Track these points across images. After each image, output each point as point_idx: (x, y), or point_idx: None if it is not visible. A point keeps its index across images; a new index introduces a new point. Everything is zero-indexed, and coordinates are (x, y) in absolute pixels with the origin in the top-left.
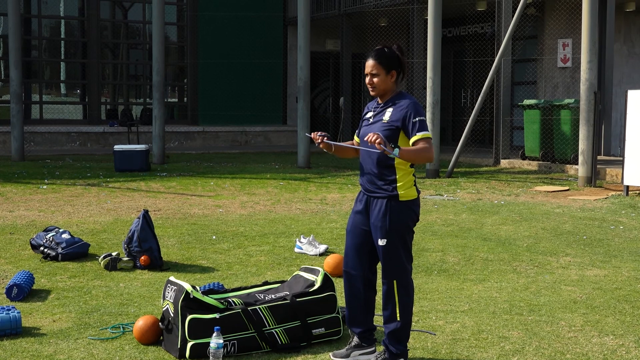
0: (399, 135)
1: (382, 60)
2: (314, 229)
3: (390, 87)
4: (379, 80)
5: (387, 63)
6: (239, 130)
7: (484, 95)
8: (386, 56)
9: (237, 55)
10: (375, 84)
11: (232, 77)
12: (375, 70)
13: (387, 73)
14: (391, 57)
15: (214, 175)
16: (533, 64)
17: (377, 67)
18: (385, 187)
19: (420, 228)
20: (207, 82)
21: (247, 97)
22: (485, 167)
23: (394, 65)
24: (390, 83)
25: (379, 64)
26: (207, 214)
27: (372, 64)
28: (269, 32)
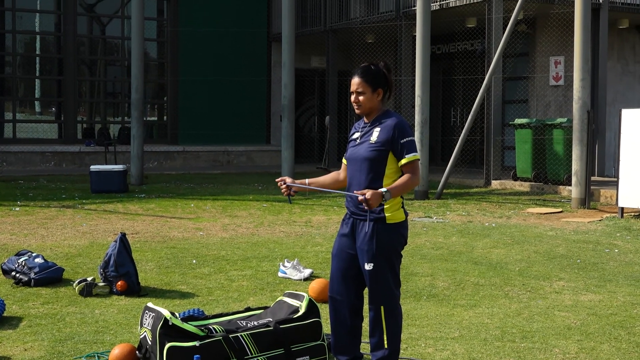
0: (388, 156)
1: (368, 77)
2: (299, 253)
3: (377, 106)
4: (365, 99)
5: (373, 81)
6: (221, 150)
7: (474, 114)
8: (372, 73)
9: (219, 73)
10: (361, 102)
11: (214, 95)
12: (360, 88)
13: (373, 91)
14: (377, 74)
15: (194, 197)
16: (524, 82)
17: (362, 84)
18: (372, 210)
19: (409, 251)
20: (188, 100)
21: (229, 116)
22: (476, 188)
23: (381, 83)
24: (377, 101)
25: (364, 81)
26: (187, 237)
27: (357, 81)
28: (252, 49)
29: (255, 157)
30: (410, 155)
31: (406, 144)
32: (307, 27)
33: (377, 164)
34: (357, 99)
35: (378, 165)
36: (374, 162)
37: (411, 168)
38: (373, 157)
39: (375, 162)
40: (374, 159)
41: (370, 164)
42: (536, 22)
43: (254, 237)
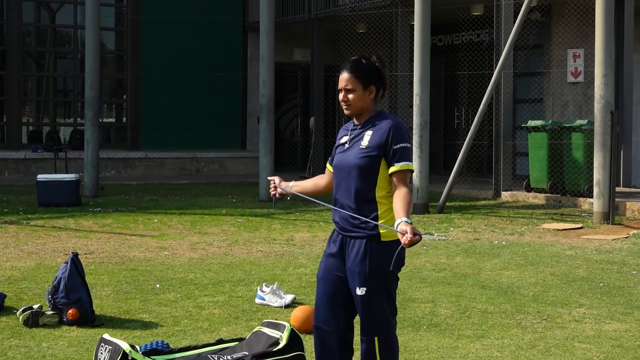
0: (380, 164)
1: (358, 73)
2: (279, 276)
3: (369, 106)
4: (355, 97)
5: (364, 77)
6: (189, 157)
7: (481, 115)
8: (363, 68)
9: (186, 67)
10: (351, 101)
11: (181, 93)
12: (350, 85)
13: (365, 88)
14: (370, 69)
15: (158, 211)
16: (539, 79)
17: (352, 81)
18: (364, 225)
19: (406, 274)
20: (151, 98)
21: (199, 117)
22: (484, 201)
23: (373, 79)
24: (369, 100)
25: (355, 77)
26: (150, 257)
27: (346, 77)
28: (226, 40)
29: (229, 165)
30: (402, 163)
31: (399, 151)
32: (288, 14)
33: (368, 172)
34: (346, 97)
35: (369, 173)
36: (364, 170)
37: (402, 179)
38: (363, 164)
39: (366, 169)
40: (365, 166)
41: (360, 172)
42: (552, 9)
43: (227, 257)
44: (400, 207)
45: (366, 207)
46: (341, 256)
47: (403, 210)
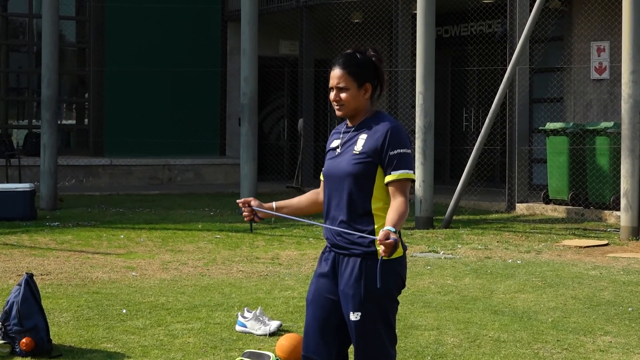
0: (376, 172)
1: (352, 69)
2: (263, 300)
3: (364, 106)
4: (348, 96)
5: (359, 73)
6: (160, 164)
7: (492, 117)
8: (358, 64)
9: (158, 62)
10: (343, 100)
11: (151, 92)
12: (343, 83)
13: (360, 86)
14: (365, 65)
15: (125, 226)
16: (558, 75)
17: (345, 78)
18: (359, 241)
19: (408, 297)
20: (117, 97)
21: (172, 119)
22: (496, 214)
23: (369, 76)
24: (364, 100)
25: (348, 74)
26: (115, 278)
27: (338, 74)
28: (202, 31)
29: (206, 173)
30: (400, 172)
31: (397, 157)
32: (274, 2)
33: (362, 181)
34: (338, 96)
35: (364, 182)
36: (358, 178)
37: (399, 190)
38: (357, 171)
39: (361, 178)
40: (359, 174)
41: (353, 181)
42: None
43: (204, 278)
44: (389, 218)
45: (361, 220)
46: (333, 276)
47: (390, 220)
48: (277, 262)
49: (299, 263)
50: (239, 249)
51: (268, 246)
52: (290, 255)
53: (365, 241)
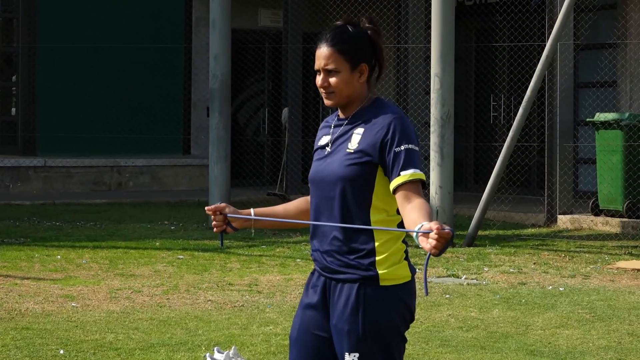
0: (376, 175)
1: (343, 46)
2: (238, 337)
3: (359, 92)
4: (339, 81)
5: (352, 51)
6: (107, 165)
7: (527, 106)
8: (350, 40)
9: (104, 37)
10: (333, 86)
11: (96, 74)
12: (332, 65)
13: (353, 68)
14: (359, 40)
15: (62, 244)
16: (611, 53)
17: (335, 58)
18: (356, 263)
19: (420, 333)
20: (53, 82)
21: (122, 109)
22: (532, 229)
23: (364, 54)
24: (359, 85)
25: (338, 53)
26: (51, 310)
27: (326, 53)
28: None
29: (165, 177)
30: (410, 172)
31: (402, 154)
32: None
33: (359, 187)
34: (327, 81)
35: (361, 187)
36: (354, 184)
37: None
38: (352, 174)
39: (356, 183)
40: (354, 179)
41: (347, 187)
42: None
43: (163, 310)
44: (417, 215)
45: (358, 237)
46: (324, 308)
47: (423, 216)
48: (255, 290)
49: (283, 290)
50: (208, 273)
51: (244, 269)
52: (271, 281)
53: (364, 262)
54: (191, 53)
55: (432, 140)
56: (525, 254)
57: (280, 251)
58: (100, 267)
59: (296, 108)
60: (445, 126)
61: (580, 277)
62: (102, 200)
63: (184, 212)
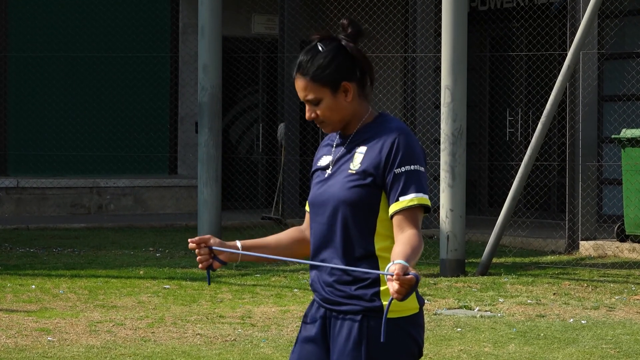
0: (380, 198)
1: (315, 73)
2: None
3: (352, 111)
4: (325, 109)
5: (326, 74)
6: (86, 187)
7: (547, 121)
8: (323, 63)
9: (83, 46)
10: (322, 116)
11: (73, 87)
12: (311, 95)
13: (335, 90)
14: (332, 58)
15: (37, 272)
16: (638, 63)
17: (311, 88)
18: (359, 293)
19: None
20: (26, 94)
21: (103, 125)
22: (552, 256)
23: (343, 72)
24: (348, 105)
25: (312, 81)
26: (25, 345)
27: (301, 84)
28: (145, 1)
29: (150, 199)
30: (411, 196)
31: (403, 177)
32: None
33: (361, 212)
34: (314, 112)
35: (363, 213)
36: (356, 208)
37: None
38: (354, 198)
39: (359, 207)
40: (356, 203)
41: (349, 212)
42: None
43: (147, 345)
44: (399, 250)
45: (362, 265)
46: (323, 342)
47: (401, 253)
48: (248, 323)
49: (279, 323)
50: (196, 305)
51: (236, 300)
52: (266, 313)
53: (368, 292)
54: (178, 63)
55: (443, 159)
56: (545, 283)
57: (276, 280)
58: (78, 297)
59: (293, 124)
60: (457, 143)
61: (605, 308)
62: (81, 225)
63: (171, 237)
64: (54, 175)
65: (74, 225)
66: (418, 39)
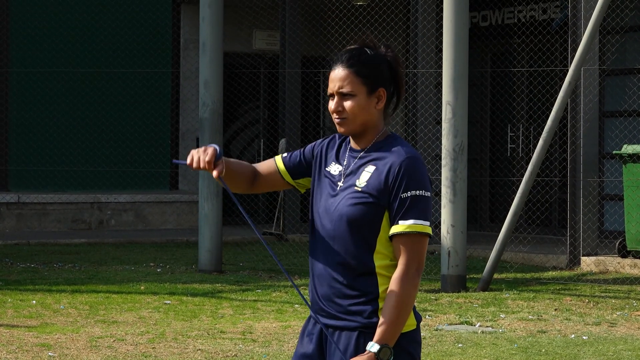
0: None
1: (360, 68)
2: None
3: (374, 121)
4: (355, 106)
5: (370, 74)
6: (88, 202)
7: (549, 137)
8: (368, 62)
9: (84, 61)
10: (348, 111)
11: (74, 102)
12: (348, 87)
13: (370, 92)
14: (378, 63)
15: (38, 287)
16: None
17: (351, 80)
18: (357, 309)
19: None
20: (27, 110)
21: (104, 140)
22: (553, 272)
23: (383, 79)
24: (375, 112)
25: (355, 74)
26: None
27: (342, 74)
28: (146, 18)
29: (151, 215)
30: (410, 222)
31: (408, 201)
32: None
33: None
34: (341, 105)
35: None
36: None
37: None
38: (356, 214)
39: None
40: (358, 219)
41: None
42: None
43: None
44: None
45: (362, 281)
46: (320, 358)
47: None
48: (249, 338)
49: (280, 339)
50: (197, 320)
51: (237, 315)
52: (267, 328)
53: (366, 309)
54: (179, 79)
55: (444, 174)
56: (546, 299)
57: (277, 296)
58: (79, 313)
59: (294, 139)
60: (458, 159)
61: (606, 324)
62: (82, 240)
63: (172, 252)
64: (55, 190)
65: (75, 240)
66: (419, 55)
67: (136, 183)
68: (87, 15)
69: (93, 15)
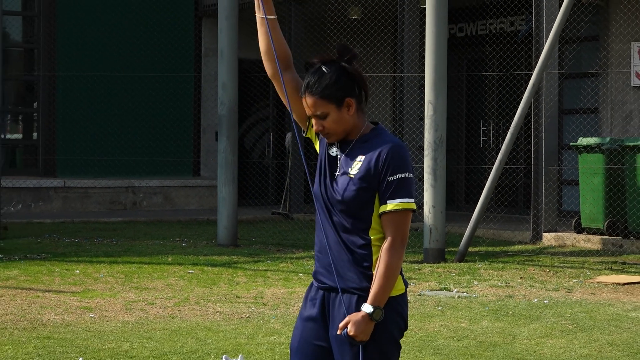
0: (375, 199)
1: (324, 92)
2: (244, 346)
3: (353, 123)
4: (331, 122)
5: (333, 92)
6: (123, 186)
7: (515, 131)
8: (329, 82)
9: (119, 66)
10: (328, 128)
11: (112, 101)
12: (320, 110)
13: (340, 105)
14: (337, 78)
15: (81, 259)
16: (593, 82)
17: (319, 103)
18: (353, 277)
19: (414, 342)
20: (71, 107)
21: (136, 133)
22: (519, 245)
23: (345, 89)
24: (350, 118)
25: (321, 98)
26: (70, 321)
27: (310, 101)
28: (172, 29)
29: (177, 197)
30: (398, 201)
31: (395, 183)
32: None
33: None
34: (321, 125)
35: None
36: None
37: (395, 224)
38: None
39: (356, 206)
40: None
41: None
42: None
43: (175, 321)
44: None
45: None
46: (322, 319)
47: (376, 286)
48: (261, 302)
49: (287, 303)
50: (216, 287)
51: (250, 283)
52: (276, 294)
53: (360, 277)
54: (201, 81)
55: (426, 163)
56: (513, 269)
57: (284, 266)
58: (116, 280)
59: (299, 133)
60: (438, 150)
61: (564, 290)
62: (118, 219)
63: (194, 229)
64: (95, 176)
65: (112, 219)
66: (405, 61)
67: (164, 170)
68: (123, 27)
69: (128, 27)
